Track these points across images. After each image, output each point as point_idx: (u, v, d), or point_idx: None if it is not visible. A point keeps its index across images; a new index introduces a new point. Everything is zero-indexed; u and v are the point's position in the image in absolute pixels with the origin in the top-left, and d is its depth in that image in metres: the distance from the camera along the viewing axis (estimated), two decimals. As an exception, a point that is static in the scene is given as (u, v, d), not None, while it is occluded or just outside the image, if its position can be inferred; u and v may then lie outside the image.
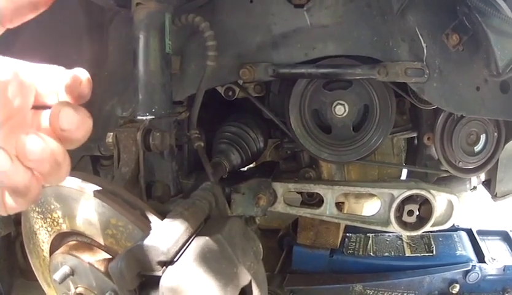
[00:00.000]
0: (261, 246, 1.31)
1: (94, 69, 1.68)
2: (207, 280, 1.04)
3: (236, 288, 1.13)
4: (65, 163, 0.74)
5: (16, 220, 2.41)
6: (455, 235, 3.04)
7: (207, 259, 1.07)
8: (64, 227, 1.31)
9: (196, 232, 1.16)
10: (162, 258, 1.03)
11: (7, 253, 2.99)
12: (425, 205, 1.99)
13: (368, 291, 2.70)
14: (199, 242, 1.10)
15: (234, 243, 1.17)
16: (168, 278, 1.01)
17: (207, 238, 1.11)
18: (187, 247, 1.09)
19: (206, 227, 1.21)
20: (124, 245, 1.19)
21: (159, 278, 1.02)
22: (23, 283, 3.10)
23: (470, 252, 2.83)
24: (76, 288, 1.33)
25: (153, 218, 1.18)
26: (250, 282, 1.17)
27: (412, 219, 2.01)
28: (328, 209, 2.00)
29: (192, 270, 1.03)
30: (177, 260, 1.05)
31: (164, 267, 1.04)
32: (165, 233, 1.07)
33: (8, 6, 0.70)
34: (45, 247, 1.44)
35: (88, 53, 1.70)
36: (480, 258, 2.76)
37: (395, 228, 2.00)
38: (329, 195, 1.99)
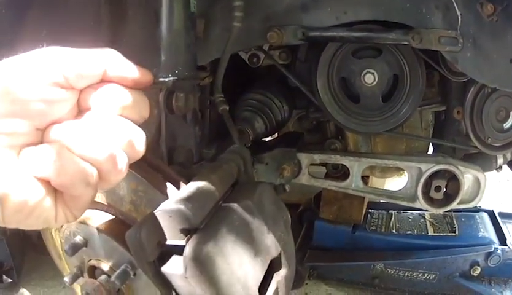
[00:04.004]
0: (289, 216, 1.25)
1: (113, 37, 1.62)
2: (236, 250, 0.97)
3: (265, 260, 1.06)
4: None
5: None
6: (477, 216, 3.00)
7: (235, 228, 1.00)
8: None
9: (224, 198, 1.09)
10: (187, 225, 0.95)
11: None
12: (452, 182, 1.94)
13: (389, 270, 2.69)
14: (227, 208, 1.03)
15: (264, 210, 1.10)
16: (193, 248, 0.92)
17: (236, 204, 1.04)
18: (214, 213, 1.02)
19: (234, 192, 1.14)
20: (144, 212, 1.12)
21: (182, 247, 0.94)
22: (34, 257, 3.08)
23: (492, 234, 2.79)
24: (89, 261, 1.27)
25: (176, 182, 1.12)
26: (280, 254, 1.11)
27: (439, 196, 1.97)
28: (354, 182, 1.97)
29: (219, 239, 0.95)
30: (203, 227, 0.97)
31: (189, 235, 0.95)
32: (190, 198, 0.99)
33: (116, 66, 0.84)
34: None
35: (106, 20, 1.64)
36: (502, 241, 2.72)
37: (421, 204, 1.96)
38: (356, 167, 1.95)
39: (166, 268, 0.97)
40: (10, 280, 3.00)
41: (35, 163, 0.71)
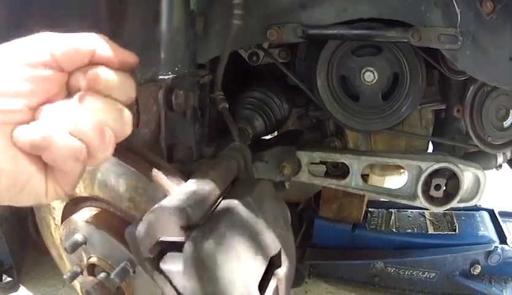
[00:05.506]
0: (289, 213, 1.24)
1: (112, 37, 1.61)
2: (236, 247, 0.97)
3: (265, 257, 1.06)
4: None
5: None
6: (477, 215, 2.98)
7: (235, 224, 0.99)
8: (78, 191, 1.24)
9: (224, 194, 1.08)
10: (186, 222, 0.94)
11: (19, 226, 2.97)
12: (452, 180, 1.94)
13: (389, 269, 2.67)
14: (227, 205, 1.03)
15: (264, 207, 1.09)
16: (193, 245, 0.92)
17: (235, 201, 1.04)
18: (214, 210, 1.02)
19: (234, 189, 1.14)
20: (144, 209, 1.11)
21: (182, 244, 0.94)
22: (34, 255, 3.08)
23: (492, 233, 2.77)
24: (89, 258, 1.26)
25: (176, 179, 1.11)
26: (280, 251, 1.10)
27: (439, 194, 1.96)
28: (353, 180, 1.96)
29: (219, 235, 0.95)
30: (203, 224, 0.97)
31: (188, 232, 0.95)
32: (189, 195, 0.99)
33: (103, 48, 0.84)
34: (57, 214, 1.38)
35: (105, 19, 1.63)
36: (502, 240, 2.70)
37: (421, 202, 1.95)
38: (356, 165, 1.94)
39: (165, 265, 0.97)
40: (9, 279, 2.99)
41: (27, 139, 0.73)
